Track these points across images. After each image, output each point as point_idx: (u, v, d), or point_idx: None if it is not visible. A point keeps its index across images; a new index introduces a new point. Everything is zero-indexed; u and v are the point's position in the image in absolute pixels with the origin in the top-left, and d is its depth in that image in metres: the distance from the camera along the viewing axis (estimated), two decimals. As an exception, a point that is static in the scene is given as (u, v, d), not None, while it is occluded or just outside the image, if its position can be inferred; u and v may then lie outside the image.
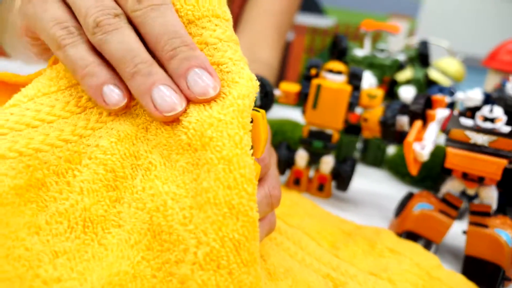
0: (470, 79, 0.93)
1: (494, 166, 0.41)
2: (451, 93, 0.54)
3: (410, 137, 0.44)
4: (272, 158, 0.42)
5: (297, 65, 2.02)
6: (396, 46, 0.79)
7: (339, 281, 0.40)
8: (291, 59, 2.19)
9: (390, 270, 0.42)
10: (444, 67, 0.77)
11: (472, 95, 0.50)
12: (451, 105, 0.54)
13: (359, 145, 0.76)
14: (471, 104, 0.48)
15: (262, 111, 0.34)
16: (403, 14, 2.02)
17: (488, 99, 0.51)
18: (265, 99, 0.55)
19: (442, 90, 0.55)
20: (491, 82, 0.67)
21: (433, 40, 0.78)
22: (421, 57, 0.68)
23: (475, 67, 1.35)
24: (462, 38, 1.54)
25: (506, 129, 0.43)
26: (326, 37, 2.08)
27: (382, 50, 0.68)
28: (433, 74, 0.74)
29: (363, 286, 0.40)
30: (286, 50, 2.41)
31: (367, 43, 0.71)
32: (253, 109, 0.32)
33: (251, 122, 0.32)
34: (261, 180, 0.39)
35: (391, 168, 0.71)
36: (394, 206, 0.54)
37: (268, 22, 0.93)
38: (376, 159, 0.73)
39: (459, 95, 0.52)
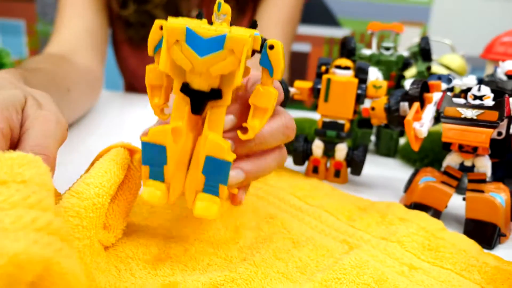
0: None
1: (483, 135, 0.47)
2: (449, 80, 0.60)
3: (409, 116, 0.50)
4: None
5: (313, 77, 2.08)
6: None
7: (354, 244, 0.46)
8: (310, 68, 2.26)
9: (399, 234, 0.47)
10: (448, 62, 0.83)
11: (467, 81, 0.57)
12: (450, 91, 0.60)
13: (372, 138, 0.83)
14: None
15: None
16: (414, 21, 2.08)
17: (481, 83, 0.57)
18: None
19: (440, 77, 0.61)
20: (489, 72, 0.73)
21: (437, 38, 0.84)
22: (423, 51, 0.74)
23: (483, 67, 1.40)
24: (472, 41, 1.59)
25: (491, 102, 0.48)
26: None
27: (387, 48, 0.74)
28: (436, 69, 0.80)
29: (375, 248, 0.46)
30: (305, 60, 2.48)
31: (374, 42, 0.78)
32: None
33: (272, 48, 0.38)
34: (276, 113, 0.43)
35: (403, 156, 0.77)
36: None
37: (277, 31, 1.02)
38: (389, 150, 0.79)
39: (456, 81, 0.59)
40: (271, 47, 0.38)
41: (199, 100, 0.38)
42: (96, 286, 0.35)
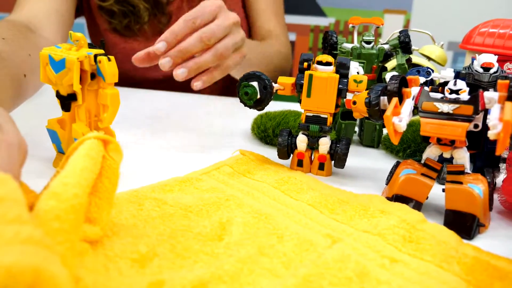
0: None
1: (459, 129, 0.49)
2: (428, 73, 0.61)
3: (388, 112, 0.51)
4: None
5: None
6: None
7: (337, 238, 0.47)
8: (296, 56, 2.27)
9: (381, 227, 0.49)
10: (428, 52, 0.85)
11: (445, 74, 0.58)
12: (431, 83, 0.62)
13: (356, 129, 0.84)
14: (445, 81, 0.56)
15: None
16: (397, 9, 2.09)
17: (458, 75, 0.58)
18: (265, 92, 0.63)
19: (419, 71, 0.62)
20: (468, 62, 0.74)
21: (417, 29, 0.85)
22: (402, 44, 0.75)
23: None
24: (455, 27, 1.61)
25: (466, 97, 0.50)
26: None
27: (368, 42, 0.76)
28: (417, 60, 0.81)
29: (358, 241, 0.47)
30: (292, 48, 2.49)
31: (355, 36, 0.79)
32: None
33: (100, 62, 0.56)
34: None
35: (386, 147, 0.78)
36: (387, 177, 0.62)
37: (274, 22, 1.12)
38: (372, 140, 0.80)
39: (435, 74, 0.60)
40: (99, 61, 0.56)
41: (64, 102, 0.58)
42: (83, 286, 0.36)
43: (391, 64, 0.82)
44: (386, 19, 2.12)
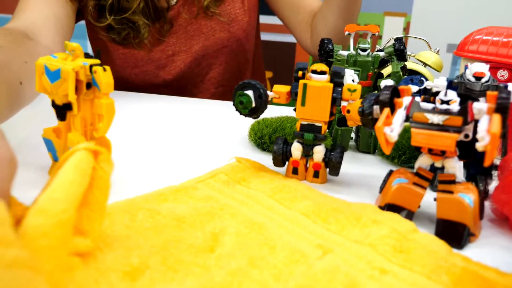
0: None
1: (448, 140, 0.49)
2: (421, 82, 0.62)
3: (379, 123, 0.52)
4: None
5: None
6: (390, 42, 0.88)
7: (328, 248, 0.48)
8: (298, 59, 2.28)
9: (372, 237, 0.49)
10: (424, 59, 0.85)
11: (438, 82, 0.59)
12: (424, 92, 0.62)
13: (352, 135, 0.85)
14: (437, 90, 0.56)
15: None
16: (397, 11, 2.10)
17: (451, 84, 0.59)
18: (260, 101, 0.63)
19: (413, 80, 0.62)
20: (463, 69, 0.74)
21: (415, 36, 0.86)
22: (397, 52, 0.76)
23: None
24: (454, 30, 1.62)
25: (456, 108, 0.50)
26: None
27: (363, 50, 0.76)
28: (414, 65, 0.82)
29: (348, 252, 0.47)
30: (293, 50, 2.49)
31: (351, 43, 0.79)
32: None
33: (95, 72, 0.56)
34: None
35: (382, 153, 0.78)
36: (381, 185, 0.62)
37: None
38: (369, 146, 0.81)
39: (427, 83, 0.60)
40: (94, 71, 0.56)
41: (60, 111, 0.59)
42: None
43: (387, 70, 0.83)
44: (386, 21, 2.12)
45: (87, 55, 0.59)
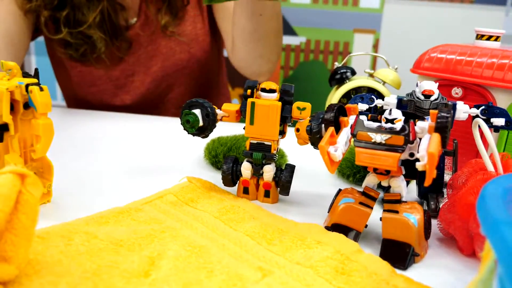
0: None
1: (390, 159, 0.49)
2: (371, 100, 0.61)
3: (322, 142, 0.51)
4: None
5: (275, 81, 2.12)
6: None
7: (268, 271, 0.46)
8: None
9: (314, 259, 0.48)
10: (382, 76, 0.85)
11: (388, 100, 0.58)
12: (373, 110, 0.62)
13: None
14: (388, 107, 0.56)
15: None
16: (366, 28, 2.11)
17: (401, 103, 0.58)
18: (207, 119, 0.62)
19: (363, 98, 0.62)
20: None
21: (383, 53, 0.85)
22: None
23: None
24: (422, 48, 1.63)
25: (398, 127, 0.50)
26: (299, 53, 2.17)
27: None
28: (372, 84, 0.82)
29: (289, 274, 0.46)
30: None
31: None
32: None
33: (31, 91, 0.54)
34: None
35: (337, 171, 0.78)
36: (332, 204, 0.61)
37: None
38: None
39: (378, 101, 0.60)
40: (30, 91, 0.54)
41: None
42: None
43: (346, 86, 0.83)
44: (356, 38, 2.13)
45: (26, 74, 0.57)
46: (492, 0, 2.03)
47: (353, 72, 0.86)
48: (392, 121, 0.51)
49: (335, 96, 0.85)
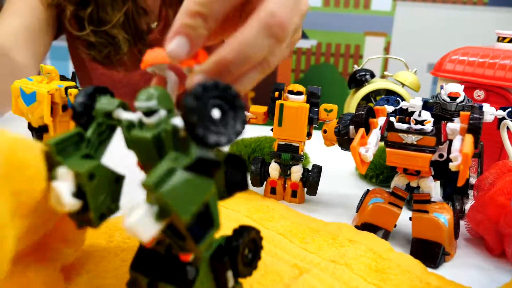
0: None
1: (421, 160, 0.50)
2: (397, 102, 0.62)
3: (354, 142, 0.52)
4: None
5: (287, 84, 2.13)
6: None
7: (304, 268, 0.48)
8: (279, 78, 2.29)
9: (347, 256, 0.49)
10: (402, 79, 0.86)
11: (413, 102, 0.59)
12: (399, 112, 0.63)
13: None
14: (413, 110, 0.57)
15: None
16: (378, 31, 2.12)
17: (426, 105, 0.59)
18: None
19: (389, 100, 0.63)
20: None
21: (393, 56, 0.87)
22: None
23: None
24: (434, 50, 1.63)
25: (430, 128, 0.51)
26: (310, 57, 2.18)
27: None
28: (392, 86, 0.83)
29: (324, 272, 0.47)
30: (275, 70, 2.50)
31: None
32: None
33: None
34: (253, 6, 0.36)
35: (358, 172, 0.79)
36: (358, 204, 0.62)
37: None
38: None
39: (403, 103, 0.61)
40: (69, 94, 0.56)
41: (36, 134, 0.59)
42: None
43: (364, 90, 0.84)
44: (367, 41, 2.14)
45: (63, 78, 0.59)
46: (505, 2, 2.03)
47: (372, 75, 0.88)
48: (421, 122, 0.52)
49: (354, 99, 0.86)
